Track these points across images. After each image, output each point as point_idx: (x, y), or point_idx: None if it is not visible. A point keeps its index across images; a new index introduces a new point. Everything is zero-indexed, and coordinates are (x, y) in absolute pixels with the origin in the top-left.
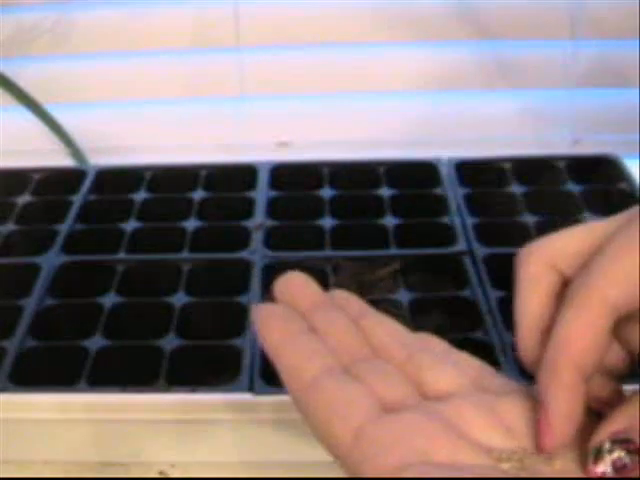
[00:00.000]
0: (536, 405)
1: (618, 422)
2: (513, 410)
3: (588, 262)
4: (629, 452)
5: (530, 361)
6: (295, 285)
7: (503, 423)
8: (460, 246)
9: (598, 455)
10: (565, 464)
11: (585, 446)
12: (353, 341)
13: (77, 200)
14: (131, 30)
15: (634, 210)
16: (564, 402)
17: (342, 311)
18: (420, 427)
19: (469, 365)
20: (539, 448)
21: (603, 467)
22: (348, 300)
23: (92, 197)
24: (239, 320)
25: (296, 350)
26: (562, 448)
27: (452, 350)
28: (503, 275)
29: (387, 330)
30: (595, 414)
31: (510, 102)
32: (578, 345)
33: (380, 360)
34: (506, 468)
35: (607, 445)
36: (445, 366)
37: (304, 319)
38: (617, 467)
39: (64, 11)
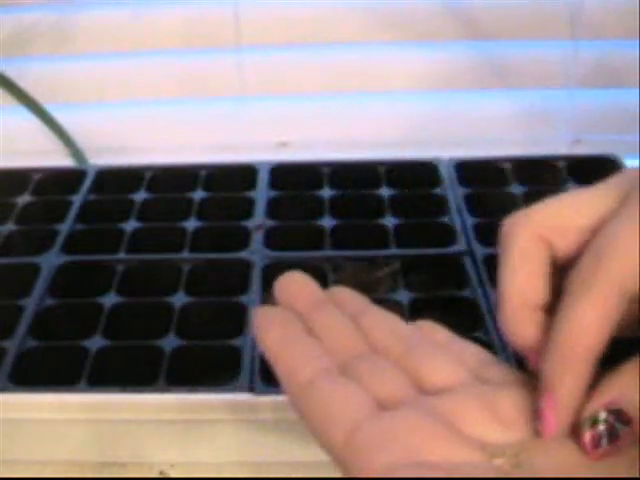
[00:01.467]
0: (534, 393)
1: (611, 392)
2: (512, 402)
3: (594, 242)
4: (622, 422)
5: (519, 340)
6: (294, 285)
7: (501, 416)
8: (460, 246)
9: (593, 425)
10: (562, 457)
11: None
12: (351, 340)
13: (77, 200)
14: (131, 30)
15: (625, 177)
16: (575, 389)
17: (340, 310)
18: (414, 425)
19: (470, 354)
20: (541, 434)
21: (598, 436)
22: (347, 297)
23: (92, 197)
24: (239, 320)
25: (293, 353)
26: (561, 437)
27: (454, 338)
28: None
29: (386, 325)
30: None
31: (510, 102)
32: (594, 335)
33: (378, 357)
34: (500, 463)
35: (602, 415)
36: (443, 358)
37: (302, 320)
38: (611, 436)
39: (64, 11)
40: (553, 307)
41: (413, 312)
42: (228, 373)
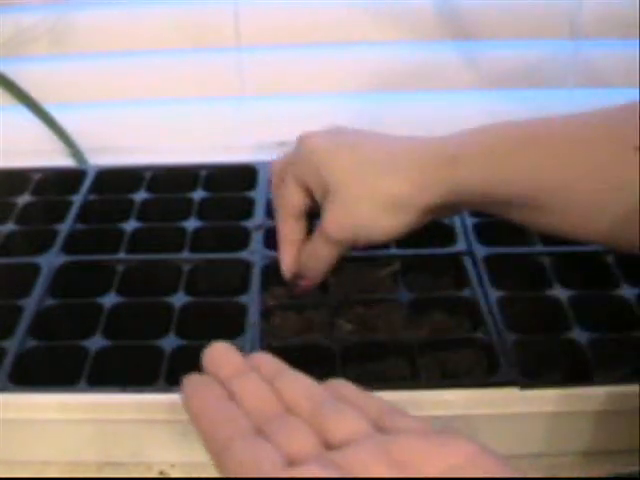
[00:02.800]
0: (431, 439)
1: None
2: (409, 448)
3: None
4: None
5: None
6: (218, 355)
7: (398, 462)
8: (460, 246)
9: None
10: None
11: None
12: (266, 403)
13: (77, 200)
14: (131, 30)
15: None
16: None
17: (258, 374)
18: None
19: (372, 406)
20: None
21: None
22: (264, 362)
23: (92, 197)
24: (239, 320)
25: (212, 417)
26: None
27: (357, 393)
28: (503, 275)
29: (297, 386)
30: None
31: (510, 102)
32: None
33: (289, 417)
34: None
35: None
36: (347, 413)
37: (224, 386)
38: None
39: (64, 11)
40: None
41: (413, 312)
42: None
